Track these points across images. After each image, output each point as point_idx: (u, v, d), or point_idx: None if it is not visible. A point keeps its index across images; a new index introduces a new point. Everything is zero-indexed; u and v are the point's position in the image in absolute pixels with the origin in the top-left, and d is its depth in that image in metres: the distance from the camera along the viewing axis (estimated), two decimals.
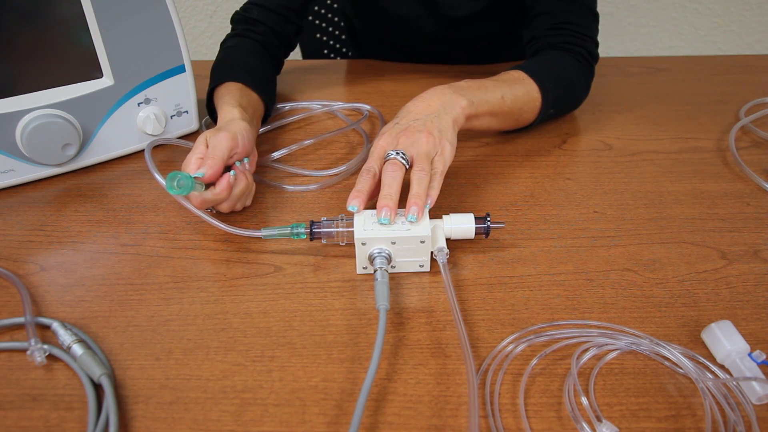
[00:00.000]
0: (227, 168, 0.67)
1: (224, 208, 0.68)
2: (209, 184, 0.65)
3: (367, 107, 0.95)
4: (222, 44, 0.93)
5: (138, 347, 0.55)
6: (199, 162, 0.65)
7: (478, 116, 0.76)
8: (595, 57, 0.90)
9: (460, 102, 0.72)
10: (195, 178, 0.61)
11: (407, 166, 0.65)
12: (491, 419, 0.48)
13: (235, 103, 0.76)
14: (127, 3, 0.74)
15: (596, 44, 0.91)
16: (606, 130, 0.90)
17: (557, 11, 0.89)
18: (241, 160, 0.69)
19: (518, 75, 0.82)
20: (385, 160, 0.65)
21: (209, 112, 0.86)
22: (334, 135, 0.88)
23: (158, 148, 0.84)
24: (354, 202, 0.62)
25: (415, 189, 0.62)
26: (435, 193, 0.63)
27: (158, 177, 0.65)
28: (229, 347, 0.55)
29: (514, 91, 0.79)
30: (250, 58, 0.89)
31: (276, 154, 0.81)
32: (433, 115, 0.69)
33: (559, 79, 0.85)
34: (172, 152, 0.84)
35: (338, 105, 0.96)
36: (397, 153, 0.64)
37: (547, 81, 0.82)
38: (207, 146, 0.66)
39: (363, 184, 0.63)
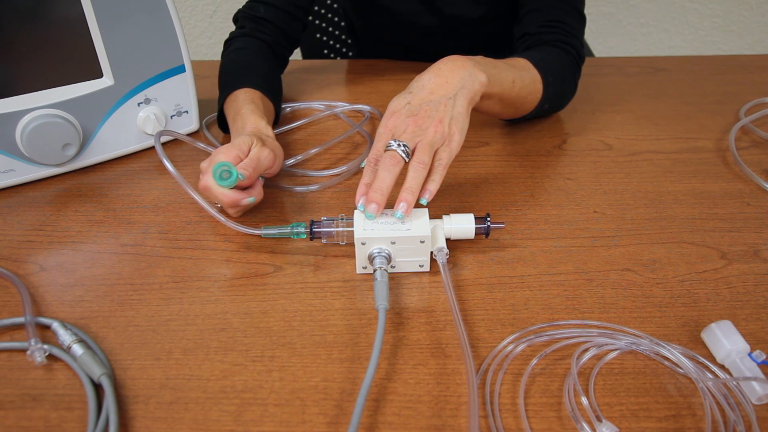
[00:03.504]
0: None
1: (233, 212, 0.68)
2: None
3: (368, 108, 0.95)
4: (228, 43, 0.92)
5: (138, 347, 0.55)
6: (237, 160, 0.65)
7: (490, 96, 0.73)
8: (582, 59, 0.90)
9: (480, 77, 0.68)
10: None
11: (407, 160, 0.62)
12: (491, 419, 0.48)
13: (261, 114, 0.76)
14: (127, 3, 0.74)
15: (583, 46, 0.91)
16: (606, 130, 0.90)
17: (550, 9, 0.89)
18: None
19: (524, 63, 0.81)
20: (386, 149, 0.63)
21: (219, 112, 0.84)
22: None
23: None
24: (363, 200, 0.61)
25: (409, 182, 0.61)
26: (435, 186, 0.62)
27: (168, 165, 0.65)
28: (229, 347, 0.55)
29: (522, 78, 0.78)
30: (262, 63, 0.89)
31: (289, 162, 0.80)
32: (448, 97, 0.66)
33: (557, 75, 0.84)
34: (173, 152, 0.84)
35: (340, 107, 0.96)
36: (399, 144, 0.62)
37: (549, 74, 0.82)
38: (248, 150, 0.67)
39: (371, 176, 0.63)
